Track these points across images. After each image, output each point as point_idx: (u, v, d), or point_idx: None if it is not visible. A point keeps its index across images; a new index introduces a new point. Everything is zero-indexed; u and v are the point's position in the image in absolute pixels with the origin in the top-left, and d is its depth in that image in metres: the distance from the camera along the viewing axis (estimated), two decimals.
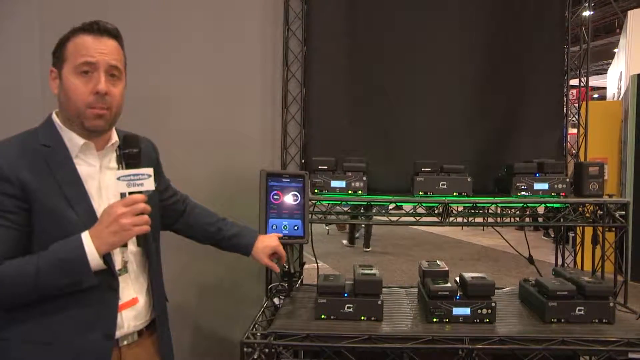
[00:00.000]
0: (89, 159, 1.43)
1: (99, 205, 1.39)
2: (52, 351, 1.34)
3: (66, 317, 1.35)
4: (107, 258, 1.36)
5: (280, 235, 1.89)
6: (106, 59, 1.39)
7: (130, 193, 1.35)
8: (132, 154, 1.42)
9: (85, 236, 1.31)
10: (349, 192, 2.29)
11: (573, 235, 3.21)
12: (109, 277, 1.39)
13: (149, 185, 1.36)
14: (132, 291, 1.47)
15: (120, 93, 1.43)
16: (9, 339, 1.34)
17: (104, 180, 1.43)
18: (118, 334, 1.43)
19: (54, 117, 1.44)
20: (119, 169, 1.46)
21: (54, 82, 1.42)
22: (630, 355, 1.74)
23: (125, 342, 1.46)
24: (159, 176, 1.60)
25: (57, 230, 1.33)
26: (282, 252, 1.84)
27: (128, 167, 1.40)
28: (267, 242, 1.81)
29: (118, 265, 1.43)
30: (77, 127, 1.40)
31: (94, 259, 1.31)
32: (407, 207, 2.34)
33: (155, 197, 1.55)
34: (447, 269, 2.21)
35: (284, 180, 2.02)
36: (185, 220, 1.78)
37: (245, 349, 1.75)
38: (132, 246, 1.48)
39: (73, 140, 1.40)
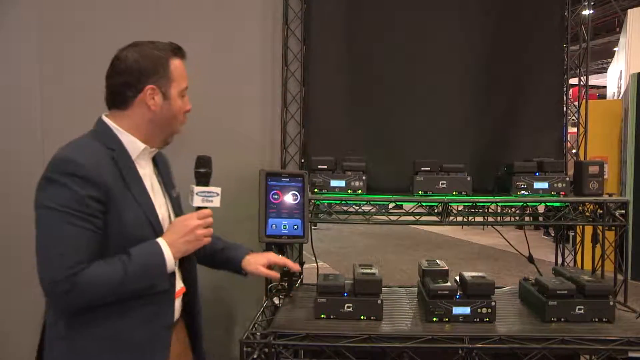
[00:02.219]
0: (143, 162, 1.53)
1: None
2: (113, 345, 1.41)
3: (129, 313, 1.42)
4: None
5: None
6: None
7: (198, 208, 1.53)
8: (206, 173, 1.59)
9: (163, 244, 1.44)
10: (349, 191, 2.29)
11: (573, 234, 3.20)
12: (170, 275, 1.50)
13: (217, 202, 1.56)
14: (180, 281, 1.58)
15: None
16: (79, 338, 1.40)
17: (155, 183, 1.56)
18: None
19: (109, 121, 1.49)
20: (159, 179, 1.59)
21: (155, 100, 1.48)
22: (630, 354, 1.74)
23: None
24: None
25: (131, 235, 1.41)
26: (278, 260, 1.83)
27: (199, 184, 1.57)
28: (261, 255, 1.80)
29: None
30: (159, 139, 1.55)
31: (170, 265, 1.44)
32: (407, 206, 2.34)
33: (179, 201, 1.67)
34: (447, 268, 2.21)
35: (283, 179, 2.02)
36: None
37: (245, 349, 1.75)
38: None
39: (134, 144, 1.49)
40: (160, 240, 1.44)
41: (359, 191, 2.29)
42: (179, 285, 1.58)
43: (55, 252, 1.31)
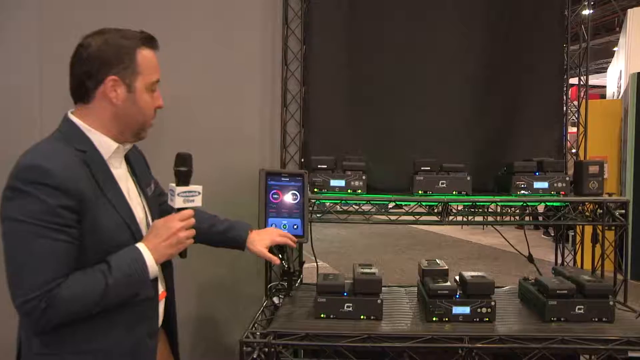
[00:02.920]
0: (116, 162, 1.43)
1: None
2: (97, 358, 1.33)
3: (112, 323, 1.34)
4: None
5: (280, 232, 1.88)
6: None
7: (179, 208, 1.42)
8: (186, 172, 1.46)
9: (144, 249, 1.34)
10: (349, 191, 2.29)
11: (573, 234, 3.20)
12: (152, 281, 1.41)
13: (199, 201, 1.46)
14: (162, 285, 1.51)
15: None
16: (58, 353, 1.31)
17: (130, 183, 1.47)
18: None
19: (76, 119, 1.38)
20: (133, 179, 1.48)
21: (117, 92, 1.36)
22: (630, 354, 1.74)
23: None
24: (152, 179, 1.62)
25: (109, 241, 1.32)
26: (284, 240, 1.83)
27: (180, 184, 1.45)
28: (265, 234, 1.80)
29: None
30: (116, 133, 1.40)
31: (153, 271, 1.35)
32: (407, 205, 2.34)
33: (155, 198, 1.60)
34: (446, 268, 2.21)
35: (283, 179, 2.03)
36: None
37: (244, 348, 1.75)
38: None
39: (106, 143, 1.38)
40: (140, 245, 1.34)
41: (359, 191, 2.29)
42: (161, 288, 1.50)
43: (28, 268, 1.21)
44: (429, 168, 2.32)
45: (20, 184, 1.22)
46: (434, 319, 1.94)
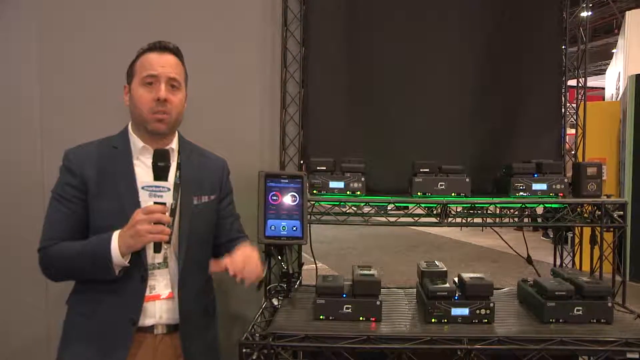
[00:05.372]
0: (147, 161, 1.61)
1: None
2: (88, 322, 1.57)
3: (100, 298, 1.57)
4: (140, 251, 1.55)
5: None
6: (166, 72, 1.60)
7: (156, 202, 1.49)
8: (160, 167, 1.54)
9: (115, 234, 1.50)
10: (348, 192, 2.29)
11: (571, 235, 3.21)
12: (140, 269, 1.57)
13: (168, 198, 1.50)
14: (170, 286, 1.63)
15: (180, 101, 1.65)
16: (70, 306, 1.63)
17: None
18: (152, 321, 1.60)
19: (129, 124, 1.68)
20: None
21: (126, 96, 1.65)
22: (628, 355, 1.74)
23: (160, 331, 1.63)
24: (219, 195, 1.79)
25: (105, 223, 1.54)
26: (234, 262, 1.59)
27: (156, 178, 1.53)
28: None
29: (159, 259, 1.61)
30: (143, 131, 1.63)
31: (116, 256, 1.49)
32: (406, 207, 2.34)
33: (208, 210, 1.74)
34: (445, 269, 2.21)
35: (282, 181, 2.03)
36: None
37: (244, 350, 1.75)
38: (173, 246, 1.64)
39: (135, 143, 1.65)
40: (116, 232, 1.51)
41: (358, 192, 2.29)
42: (168, 289, 1.62)
43: (44, 227, 1.58)
44: (428, 169, 2.32)
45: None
46: (433, 320, 1.94)
